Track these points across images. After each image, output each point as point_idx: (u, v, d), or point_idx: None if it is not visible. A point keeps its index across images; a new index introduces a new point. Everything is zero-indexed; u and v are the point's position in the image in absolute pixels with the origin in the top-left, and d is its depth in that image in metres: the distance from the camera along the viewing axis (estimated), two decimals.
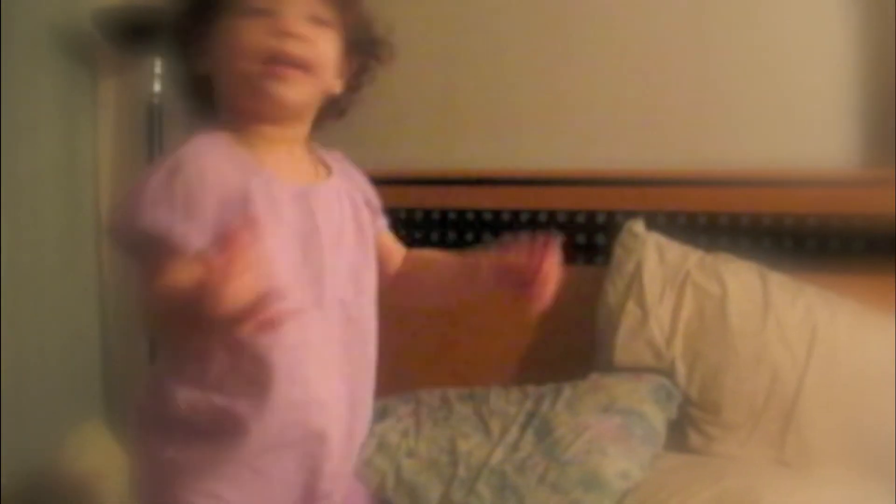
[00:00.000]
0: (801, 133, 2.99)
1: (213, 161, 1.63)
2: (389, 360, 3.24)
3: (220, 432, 1.64)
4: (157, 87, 3.54)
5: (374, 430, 2.79)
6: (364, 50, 1.83)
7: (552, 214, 3.15)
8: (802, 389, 2.64)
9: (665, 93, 3.11)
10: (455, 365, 3.14)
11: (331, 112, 1.84)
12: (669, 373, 2.78)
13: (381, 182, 1.97)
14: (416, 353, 3.15)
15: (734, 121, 3.06)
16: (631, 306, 2.85)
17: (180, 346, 1.66)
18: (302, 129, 1.78)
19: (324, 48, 1.71)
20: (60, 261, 3.52)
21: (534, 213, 3.18)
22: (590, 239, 3.10)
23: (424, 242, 3.22)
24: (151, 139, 3.57)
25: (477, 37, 3.33)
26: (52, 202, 3.49)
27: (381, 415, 2.83)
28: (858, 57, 2.94)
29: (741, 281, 2.79)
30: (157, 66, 3.52)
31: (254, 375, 1.61)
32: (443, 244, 3.25)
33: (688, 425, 2.76)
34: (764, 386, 2.68)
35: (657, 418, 2.68)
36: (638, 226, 2.94)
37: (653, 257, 2.88)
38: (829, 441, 2.62)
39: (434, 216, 3.29)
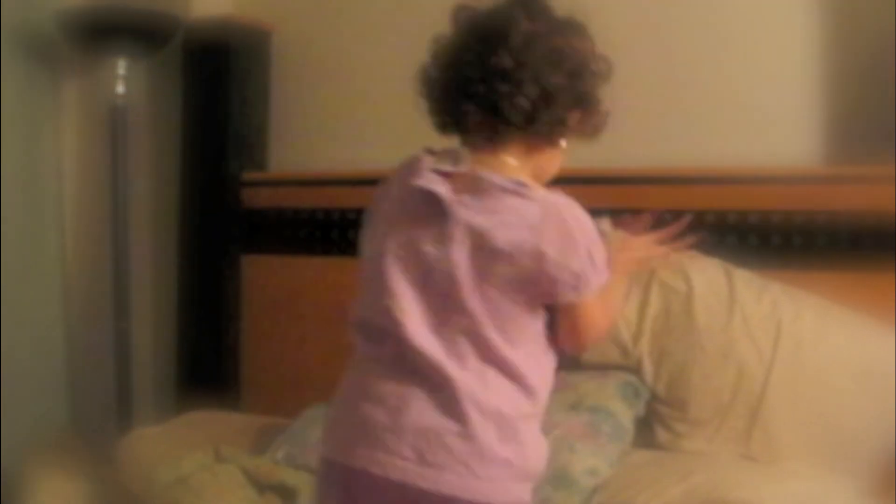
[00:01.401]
0: (766, 131, 3.00)
1: None
2: None
3: None
4: (120, 88, 3.52)
5: None
6: None
7: None
8: (768, 385, 2.66)
9: (629, 91, 3.10)
10: None
11: None
12: (636, 370, 2.79)
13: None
14: None
15: (698, 119, 3.07)
16: None
17: None
18: None
19: None
20: (23, 263, 3.49)
21: None
22: None
23: None
24: (115, 141, 3.55)
25: None
26: (14, 204, 3.46)
27: None
28: (822, 55, 2.95)
29: (707, 278, 2.80)
30: (121, 68, 3.50)
31: None
32: None
33: (655, 422, 2.77)
34: (730, 382, 2.68)
35: (625, 415, 2.68)
36: (604, 224, 2.93)
37: None
38: (794, 436, 2.63)
39: None
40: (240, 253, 3.58)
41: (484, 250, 1.63)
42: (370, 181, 3.30)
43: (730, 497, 2.39)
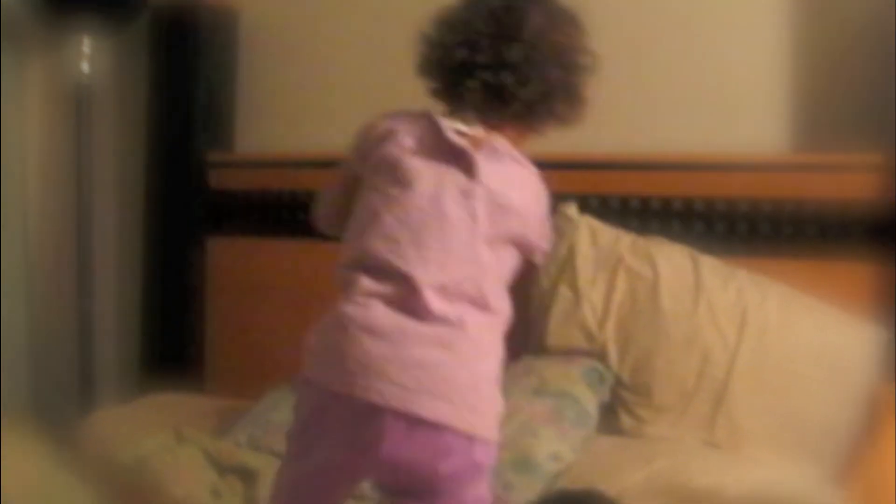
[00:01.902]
0: (734, 119, 3.01)
1: None
2: None
3: None
4: (85, 67, 3.48)
5: None
6: None
7: None
8: (733, 372, 2.66)
9: (597, 77, 3.10)
10: None
11: None
12: (601, 356, 2.78)
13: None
14: None
15: (667, 106, 3.07)
16: (563, 290, 2.84)
17: None
18: None
19: None
20: None
21: None
22: None
23: None
24: (80, 121, 3.51)
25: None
26: None
27: None
28: (791, 44, 2.95)
29: (673, 264, 2.80)
30: (86, 46, 3.46)
31: None
32: None
33: (619, 407, 2.77)
34: (695, 368, 2.69)
35: (589, 401, 2.68)
36: (571, 209, 2.94)
37: (585, 241, 2.88)
38: (758, 423, 2.64)
39: None
40: (205, 234, 3.56)
41: (501, 208, 1.76)
42: (334, 163, 3.33)
43: (692, 483, 2.40)
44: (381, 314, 1.72)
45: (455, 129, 1.79)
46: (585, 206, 2.97)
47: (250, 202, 3.50)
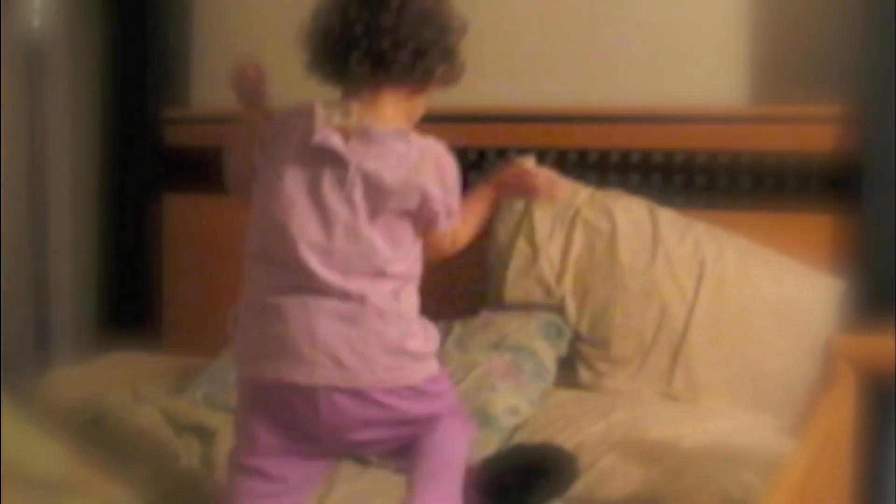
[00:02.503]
0: (691, 70, 2.99)
1: None
2: None
3: None
4: (36, 22, 3.42)
5: None
6: None
7: None
8: (691, 324, 2.67)
9: (555, 30, 3.09)
10: None
11: None
12: (559, 309, 2.79)
13: None
14: None
15: (625, 58, 3.05)
16: (521, 244, 2.84)
17: None
18: None
19: None
20: None
21: None
22: (480, 176, 3.06)
23: None
24: (31, 77, 3.46)
25: None
26: None
27: None
28: None
29: (630, 217, 2.80)
30: (36, 2, 3.40)
31: None
32: None
33: (578, 361, 2.78)
34: (653, 321, 2.70)
35: (547, 355, 2.68)
36: (528, 163, 2.92)
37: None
38: (716, 375, 2.66)
39: None
40: (161, 191, 3.53)
41: (376, 189, 1.89)
42: None
43: (648, 435, 2.41)
44: (286, 301, 1.90)
45: (331, 123, 1.93)
46: (543, 159, 2.94)
47: (206, 158, 3.41)
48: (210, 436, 2.53)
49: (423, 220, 1.97)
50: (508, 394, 2.51)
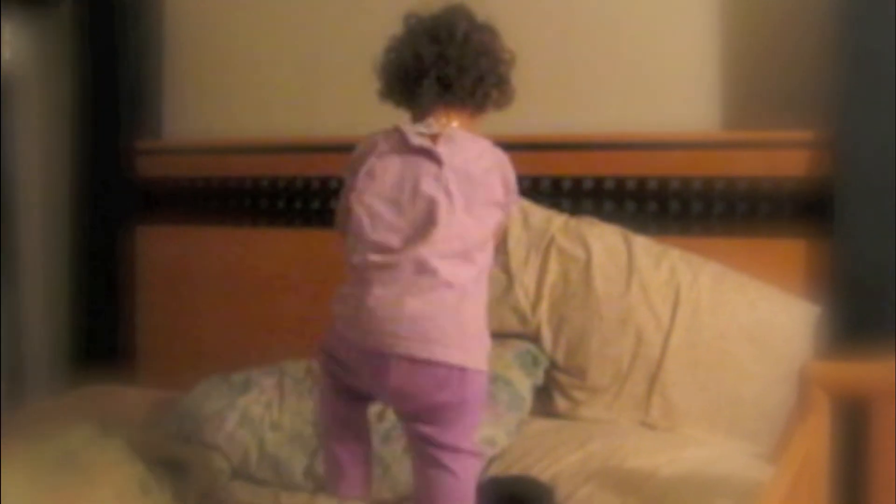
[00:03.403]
0: (664, 97, 3.00)
1: None
2: (252, 333, 3.23)
3: None
4: (7, 54, 3.41)
5: (236, 403, 2.74)
6: None
7: None
8: (667, 351, 2.67)
9: (527, 60, 3.09)
10: (318, 337, 3.10)
11: None
12: (535, 338, 2.78)
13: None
14: (279, 326, 3.13)
15: (599, 86, 3.06)
16: (496, 272, 2.81)
17: None
18: None
19: None
20: None
21: None
22: None
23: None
24: (2, 108, 3.45)
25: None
26: None
27: (243, 388, 2.78)
28: (719, 22, 2.95)
29: (605, 244, 2.79)
30: (6, 32, 3.39)
31: None
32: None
33: (554, 390, 2.77)
34: (629, 349, 2.69)
35: (523, 384, 2.67)
36: None
37: (517, 222, 2.87)
38: (693, 402, 2.65)
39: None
40: (134, 223, 3.51)
41: (467, 181, 2.14)
42: (266, 149, 3.33)
43: (625, 464, 2.40)
44: (379, 284, 2.11)
45: (418, 132, 2.18)
46: (518, 186, 2.95)
47: (179, 190, 3.46)
48: (183, 469, 2.52)
49: (502, 208, 2.23)
50: (484, 424, 2.47)
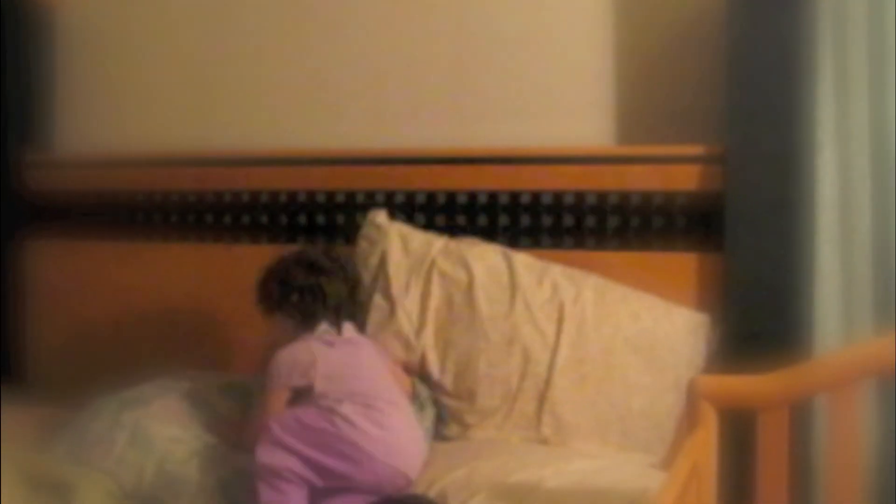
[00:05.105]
0: (558, 112, 3.02)
1: None
2: (147, 350, 3.20)
3: None
4: None
5: (122, 419, 2.68)
6: None
7: (293, 195, 3.17)
8: (554, 368, 2.67)
9: (423, 72, 3.11)
10: (212, 353, 3.14)
11: None
12: (421, 364, 2.77)
13: None
14: (173, 342, 3.14)
15: (492, 103, 3.07)
16: (377, 299, 2.82)
17: None
18: None
19: None
20: None
21: (274, 194, 3.19)
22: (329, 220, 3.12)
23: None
24: None
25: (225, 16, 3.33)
26: None
27: (135, 404, 2.72)
28: (613, 38, 2.97)
29: (487, 265, 2.79)
30: None
31: None
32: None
33: (446, 415, 2.75)
34: (517, 369, 2.69)
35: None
36: (380, 216, 2.91)
37: (397, 248, 2.86)
38: (583, 416, 2.65)
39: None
40: (24, 237, 3.46)
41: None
42: (159, 162, 3.29)
43: (511, 478, 2.39)
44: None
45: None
46: (413, 202, 2.99)
47: (70, 204, 3.42)
48: (69, 492, 2.48)
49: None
50: None
